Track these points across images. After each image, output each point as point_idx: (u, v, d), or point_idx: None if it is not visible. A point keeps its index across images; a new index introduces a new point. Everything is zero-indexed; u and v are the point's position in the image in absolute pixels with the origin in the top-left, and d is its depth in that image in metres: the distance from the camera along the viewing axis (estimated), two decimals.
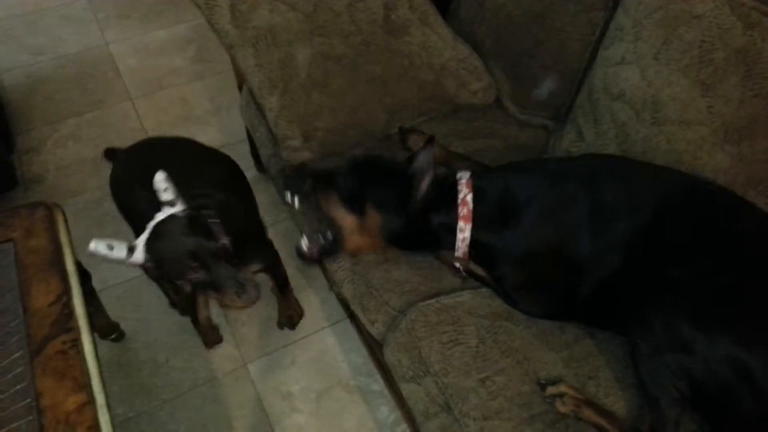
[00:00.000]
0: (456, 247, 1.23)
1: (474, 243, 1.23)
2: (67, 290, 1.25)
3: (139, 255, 1.17)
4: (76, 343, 1.17)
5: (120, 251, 1.16)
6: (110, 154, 1.71)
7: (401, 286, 1.31)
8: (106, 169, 2.20)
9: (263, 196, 2.12)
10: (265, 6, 1.49)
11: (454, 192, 1.22)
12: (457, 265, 1.30)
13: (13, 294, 1.23)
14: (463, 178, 1.23)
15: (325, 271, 1.71)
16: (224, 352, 1.74)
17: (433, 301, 1.26)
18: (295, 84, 1.48)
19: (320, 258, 1.34)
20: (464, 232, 1.21)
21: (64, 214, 1.41)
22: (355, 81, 1.53)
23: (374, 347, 1.49)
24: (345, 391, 1.67)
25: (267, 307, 1.83)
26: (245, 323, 1.81)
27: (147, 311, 1.83)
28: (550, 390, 1.10)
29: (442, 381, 1.15)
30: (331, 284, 1.70)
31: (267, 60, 1.49)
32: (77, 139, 2.37)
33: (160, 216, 1.17)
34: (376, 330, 1.33)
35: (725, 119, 1.18)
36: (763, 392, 0.94)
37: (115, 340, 1.74)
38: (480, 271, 1.28)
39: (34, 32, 2.89)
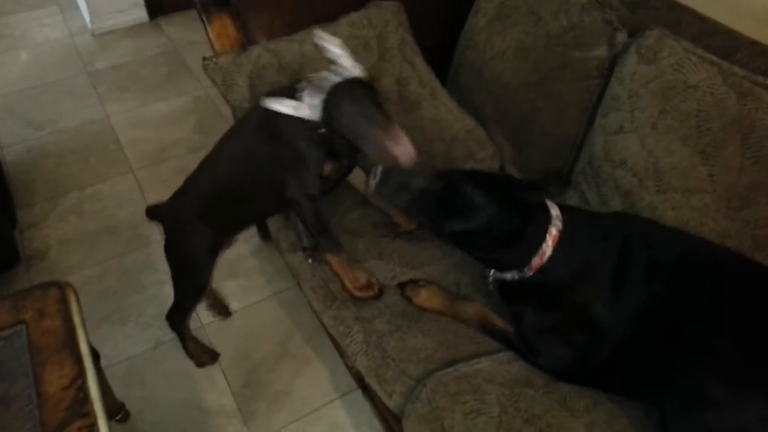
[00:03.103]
0: (505, 275, 1.26)
1: (520, 280, 1.24)
2: (81, 373, 1.23)
3: (315, 112, 1.22)
4: (93, 429, 1.14)
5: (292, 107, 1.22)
6: (151, 212, 1.70)
7: (417, 354, 1.31)
8: (108, 243, 2.24)
9: (268, 265, 2.13)
10: None
11: (539, 235, 1.20)
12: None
13: (26, 378, 1.22)
14: (554, 226, 1.21)
15: (335, 343, 1.71)
16: (232, 429, 1.71)
17: (451, 369, 1.25)
18: None
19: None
20: (524, 274, 1.23)
21: (76, 294, 1.40)
22: None
23: (389, 419, 1.47)
24: None
25: (276, 381, 1.81)
26: (253, 398, 1.78)
27: (152, 389, 1.80)
28: None
29: None
30: (343, 356, 1.69)
31: None
32: (79, 213, 2.38)
33: (335, 78, 1.21)
34: (393, 402, 1.32)
35: (727, 186, 1.23)
36: None
37: (120, 421, 1.70)
38: (500, 323, 1.30)
39: (35, 107, 2.94)
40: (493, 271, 1.31)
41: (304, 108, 1.23)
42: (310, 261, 1.51)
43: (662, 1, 1.58)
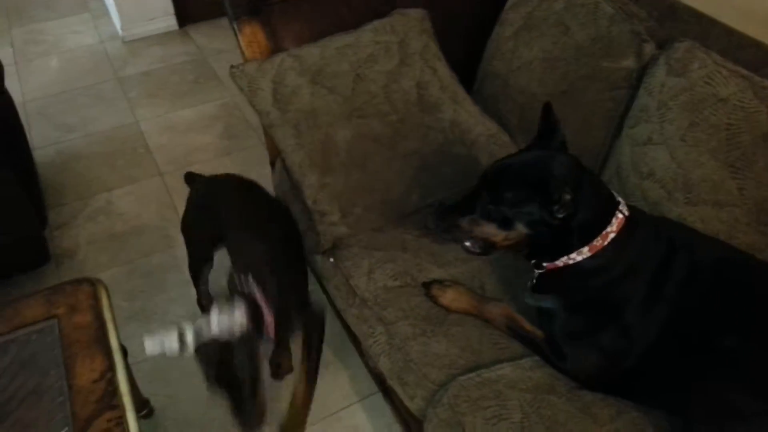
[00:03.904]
0: (559, 258, 1.23)
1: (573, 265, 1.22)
2: (111, 367, 1.26)
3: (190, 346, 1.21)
4: (121, 421, 1.17)
5: (172, 343, 1.20)
6: (189, 178, 1.84)
7: (440, 360, 1.31)
8: (135, 244, 2.28)
9: None
10: (306, 89, 1.58)
11: (605, 219, 1.19)
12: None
13: (57, 371, 1.25)
14: (623, 211, 1.21)
15: (356, 345, 1.72)
16: None
17: (473, 375, 1.26)
18: (335, 163, 1.55)
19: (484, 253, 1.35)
20: (581, 255, 1.20)
21: (107, 290, 1.44)
22: (392, 159, 1.59)
23: (411, 423, 1.48)
24: None
25: None
26: (273, 399, 1.79)
27: (176, 387, 1.83)
28: None
29: None
30: (365, 357, 1.70)
31: (308, 140, 1.56)
32: (108, 214, 2.43)
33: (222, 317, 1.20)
34: (415, 405, 1.33)
35: (757, 201, 1.22)
36: None
37: (145, 417, 1.73)
38: (528, 325, 1.30)
39: (66, 111, 3.02)
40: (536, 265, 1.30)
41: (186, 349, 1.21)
42: (331, 260, 1.53)
43: (690, 14, 1.58)
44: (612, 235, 1.19)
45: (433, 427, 1.25)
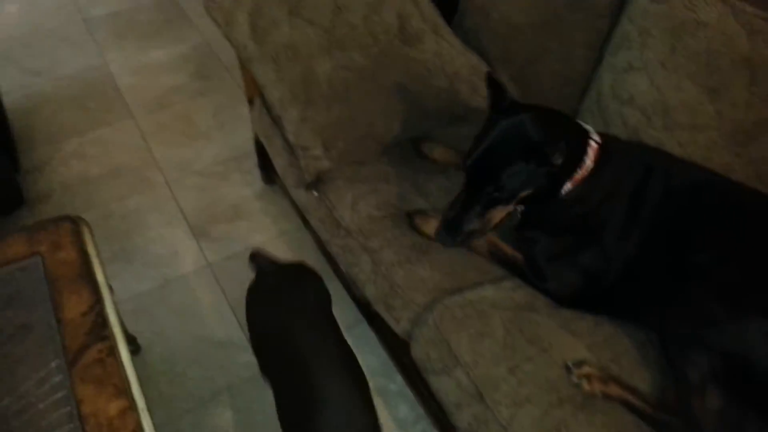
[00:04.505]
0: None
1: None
2: (99, 300, 1.27)
3: None
4: (113, 350, 1.19)
5: None
6: (255, 258, 1.57)
7: (425, 284, 1.35)
8: (111, 186, 2.25)
9: (272, 207, 2.16)
10: (284, 22, 1.55)
11: (582, 151, 1.22)
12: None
13: (45, 306, 1.25)
14: (595, 140, 1.23)
15: (341, 278, 1.75)
16: (242, 359, 1.76)
17: (457, 296, 1.29)
18: (316, 96, 1.53)
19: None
20: (564, 189, 1.23)
21: (89, 226, 1.43)
22: (374, 91, 1.58)
23: (395, 346, 1.52)
24: None
25: None
26: None
27: (161, 324, 1.84)
28: (577, 372, 1.14)
29: (472, 372, 1.19)
30: (349, 289, 1.73)
31: (288, 74, 1.54)
32: (81, 158, 2.38)
33: None
34: (401, 327, 1.37)
35: (734, 123, 1.25)
36: None
37: (132, 354, 1.74)
38: (509, 250, 1.33)
39: (32, 54, 2.90)
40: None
41: None
42: (315, 194, 1.54)
43: None
44: (590, 165, 1.22)
45: (419, 346, 1.30)
